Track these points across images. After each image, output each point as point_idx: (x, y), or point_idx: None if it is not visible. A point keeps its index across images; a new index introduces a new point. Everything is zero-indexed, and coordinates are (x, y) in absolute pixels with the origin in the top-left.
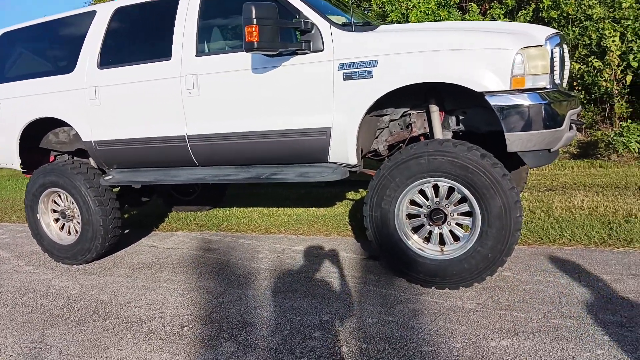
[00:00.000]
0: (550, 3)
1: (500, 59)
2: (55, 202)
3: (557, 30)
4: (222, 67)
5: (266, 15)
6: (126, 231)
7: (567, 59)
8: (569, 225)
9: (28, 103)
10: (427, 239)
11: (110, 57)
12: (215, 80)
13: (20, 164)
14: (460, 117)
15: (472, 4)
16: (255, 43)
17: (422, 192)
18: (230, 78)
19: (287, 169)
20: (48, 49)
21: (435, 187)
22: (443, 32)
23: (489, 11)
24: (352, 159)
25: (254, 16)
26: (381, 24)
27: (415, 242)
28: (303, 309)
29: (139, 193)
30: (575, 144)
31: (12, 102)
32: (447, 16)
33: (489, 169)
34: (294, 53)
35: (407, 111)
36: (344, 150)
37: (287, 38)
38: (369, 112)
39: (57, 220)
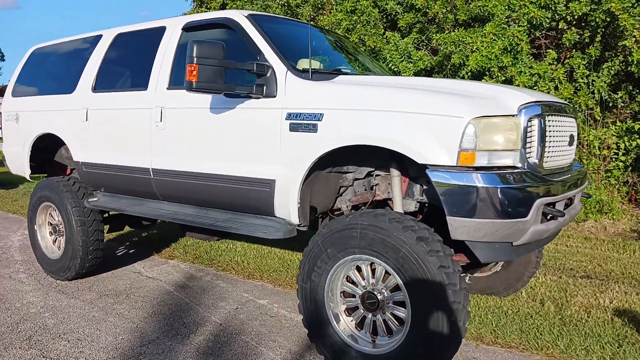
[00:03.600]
0: None
1: (448, 128)
2: (51, 216)
3: (544, 98)
4: (184, 103)
5: (209, 54)
6: (131, 251)
7: (556, 133)
8: (573, 330)
9: (39, 118)
10: (361, 325)
11: (103, 81)
12: (177, 116)
13: (30, 174)
14: (424, 187)
15: (551, 50)
16: (194, 83)
17: (360, 269)
18: (190, 115)
19: (240, 217)
20: (62, 67)
21: (374, 266)
22: (393, 91)
23: (567, 60)
24: (294, 218)
25: (194, 55)
26: (351, 74)
27: (346, 326)
28: None
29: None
30: None
31: (28, 115)
32: (510, 62)
33: (421, 256)
34: (249, 96)
35: (372, 171)
36: (287, 207)
37: (245, 80)
38: (323, 167)
39: (51, 233)
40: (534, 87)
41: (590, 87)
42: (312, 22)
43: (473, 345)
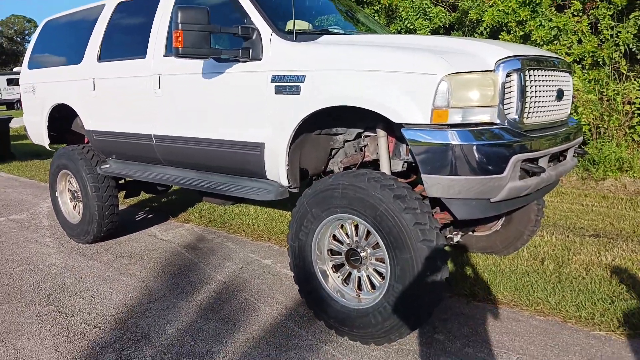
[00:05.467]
0: None
1: (422, 86)
2: (70, 183)
3: (528, 52)
4: (178, 70)
5: (193, 20)
6: (149, 216)
7: (540, 88)
8: (567, 287)
9: (52, 89)
10: (347, 281)
11: (107, 51)
12: (173, 82)
13: (49, 143)
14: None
15: (575, 1)
16: (180, 49)
17: (345, 228)
18: (183, 81)
19: (237, 180)
20: (71, 38)
21: (357, 224)
22: (368, 49)
23: (591, 11)
24: (284, 180)
25: (179, 21)
26: (339, 33)
27: (333, 281)
28: (207, 333)
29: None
30: None
31: (43, 87)
32: (528, 16)
33: (397, 213)
34: (237, 60)
35: (361, 132)
36: (276, 169)
37: (234, 44)
38: (312, 130)
39: (71, 199)
40: (554, 42)
41: (616, 39)
42: None
43: (464, 301)
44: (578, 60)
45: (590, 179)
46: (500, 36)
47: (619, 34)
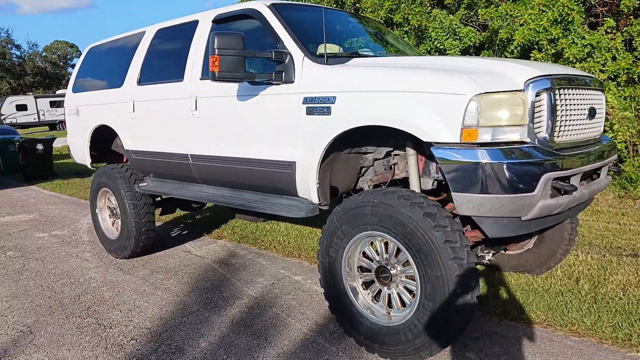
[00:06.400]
0: None
1: (451, 106)
2: (109, 200)
3: (558, 72)
4: (214, 92)
5: (229, 45)
6: (183, 232)
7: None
8: (603, 307)
9: (95, 111)
10: (377, 298)
11: (147, 75)
12: (209, 104)
13: (91, 163)
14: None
15: (609, 18)
16: (217, 73)
17: (375, 245)
18: (219, 103)
19: (269, 198)
20: (113, 63)
21: (387, 242)
22: (398, 71)
23: (625, 28)
24: (314, 197)
25: (215, 46)
26: (368, 56)
27: (363, 298)
28: (239, 347)
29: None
30: None
31: (86, 109)
32: (560, 34)
33: (427, 231)
34: (270, 83)
35: (391, 151)
36: (307, 187)
37: (268, 67)
38: (342, 149)
39: (110, 216)
40: (588, 59)
41: None
42: (356, 5)
43: (496, 320)
44: (613, 77)
45: (627, 197)
46: (531, 55)
47: None
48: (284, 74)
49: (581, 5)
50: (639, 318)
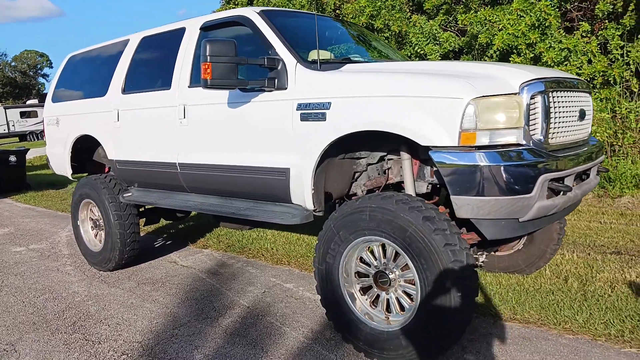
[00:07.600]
0: None
1: (449, 110)
2: (92, 212)
3: (546, 74)
4: (204, 99)
5: (221, 52)
6: (168, 242)
7: (563, 109)
8: (594, 304)
9: (76, 121)
10: (375, 303)
11: (132, 83)
12: (199, 112)
13: (72, 174)
14: (434, 169)
15: (584, 23)
16: (209, 80)
17: (372, 250)
18: (210, 110)
19: (260, 205)
20: (95, 72)
21: (385, 246)
22: (393, 76)
23: (600, 32)
24: (309, 204)
25: (207, 54)
26: (360, 62)
27: (361, 304)
28: (235, 358)
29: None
30: None
31: (67, 119)
32: (538, 39)
33: (427, 235)
34: (262, 90)
35: (384, 155)
36: (302, 194)
37: (259, 74)
38: (336, 154)
39: (93, 228)
40: (565, 62)
41: (626, 58)
42: (337, 11)
43: (491, 321)
44: (589, 79)
45: (606, 196)
46: (510, 59)
47: (628, 53)
48: (276, 80)
49: (557, 10)
50: (629, 314)
